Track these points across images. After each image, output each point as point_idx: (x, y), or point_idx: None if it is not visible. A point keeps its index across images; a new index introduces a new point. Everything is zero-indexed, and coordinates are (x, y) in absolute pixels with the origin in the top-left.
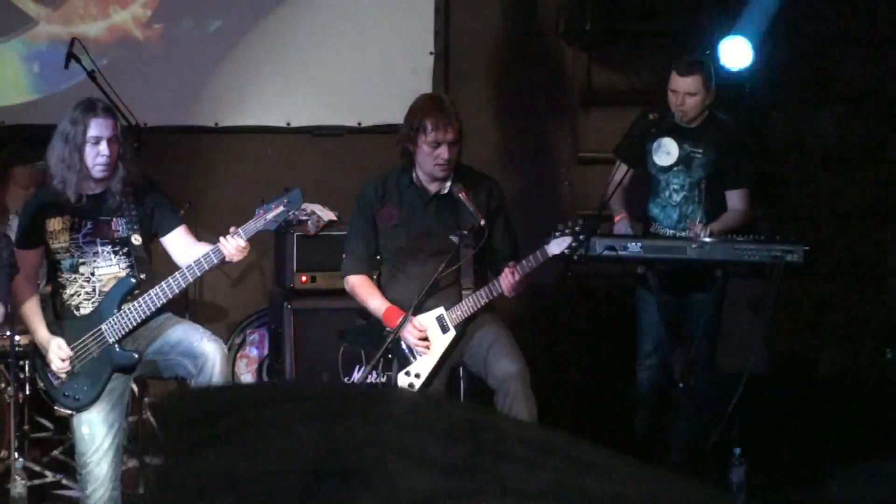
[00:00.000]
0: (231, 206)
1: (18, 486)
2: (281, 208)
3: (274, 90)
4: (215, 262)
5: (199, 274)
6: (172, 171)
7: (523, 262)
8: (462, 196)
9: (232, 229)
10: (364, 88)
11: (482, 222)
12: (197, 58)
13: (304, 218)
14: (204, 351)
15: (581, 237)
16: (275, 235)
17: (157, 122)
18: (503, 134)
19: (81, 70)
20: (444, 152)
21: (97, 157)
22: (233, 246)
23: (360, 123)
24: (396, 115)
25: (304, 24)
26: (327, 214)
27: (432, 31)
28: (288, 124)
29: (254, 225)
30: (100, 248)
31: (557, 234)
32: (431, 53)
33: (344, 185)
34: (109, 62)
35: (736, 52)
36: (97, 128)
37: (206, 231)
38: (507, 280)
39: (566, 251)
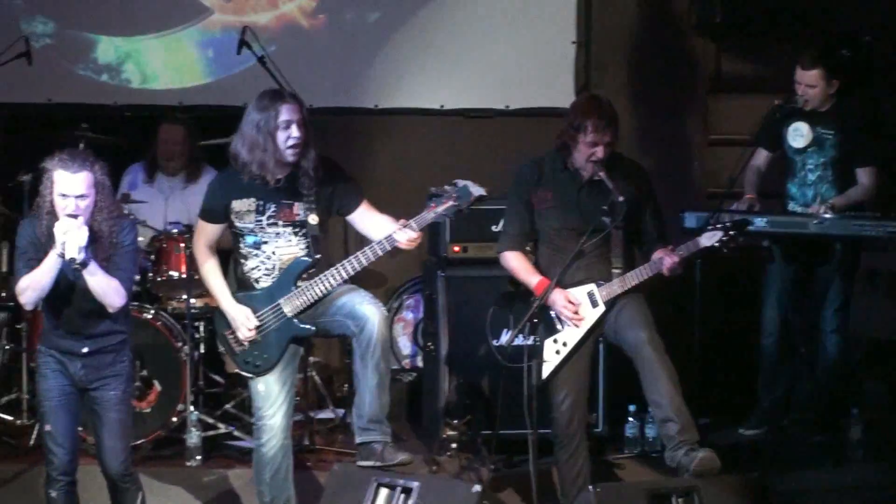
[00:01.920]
0: (388, 182)
1: (194, 437)
2: (451, 203)
3: (428, 75)
4: (388, 248)
5: (372, 258)
6: (334, 148)
7: (681, 247)
8: (602, 175)
9: (402, 221)
10: (512, 74)
11: (620, 198)
12: (358, 45)
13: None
14: (365, 313)
15: (732, 233)
16: None
17: (320, 104)
18: (638, 118)
19: (251, 56)
20: (599, 152)
21: (288, 139)
22: (406, 237)
23: (507, 106)
24: (541, 99)
25: (456, 15)
26: (478, 190)
27: (574, 23)
28: (442, 107)
29: (425, 217)
30: (281, 230)
31: (710, 227)
32: (573, 42)
33: (493, 162)
34: (277, 48)
35: None
36: (288, 112)
37: None
38: (669, 261)
39: (716, 244)
